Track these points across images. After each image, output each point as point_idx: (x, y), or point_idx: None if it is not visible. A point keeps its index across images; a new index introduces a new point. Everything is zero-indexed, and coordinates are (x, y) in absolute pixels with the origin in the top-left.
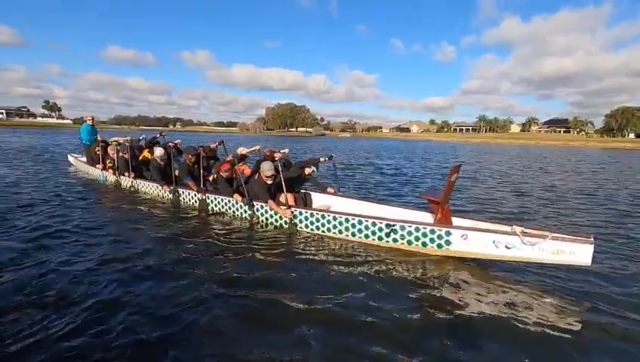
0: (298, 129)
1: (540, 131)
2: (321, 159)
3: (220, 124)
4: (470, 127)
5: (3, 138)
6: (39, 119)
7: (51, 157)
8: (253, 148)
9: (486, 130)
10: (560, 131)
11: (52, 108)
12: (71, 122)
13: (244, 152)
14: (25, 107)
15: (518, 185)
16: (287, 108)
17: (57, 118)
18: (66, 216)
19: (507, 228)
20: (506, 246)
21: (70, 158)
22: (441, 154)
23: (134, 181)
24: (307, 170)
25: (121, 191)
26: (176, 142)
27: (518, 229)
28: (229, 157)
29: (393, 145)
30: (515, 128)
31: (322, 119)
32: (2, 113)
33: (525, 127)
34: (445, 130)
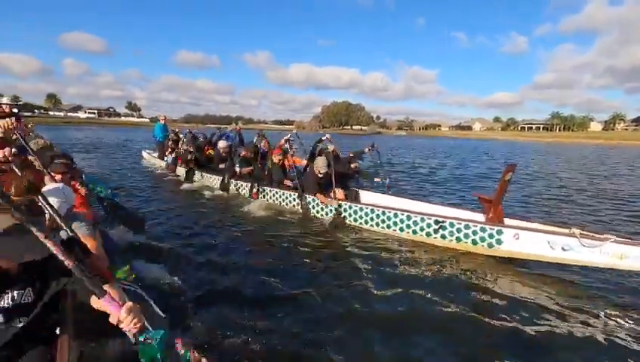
0: (353, 127)
1: (626, 130)
2: (365, 150)
3: (278, 122)
4: (541, 125)
5: (97, 134)
6: (123, 118)
7: (132, 152)
8: (287, 137)
9: (560, 128)
10: None
11: (133, 108)
12: (148, 120)
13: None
14: (112, 107)
15: (567, 188)
16: (342, 107)
17: (137, 117)
18: (146, 199)
19: (563, 230)
20: (563, 248)
21: (144, 153)
22: (498, 155)
23: (197, 172)
24: (353, 165)
25: (186, 180)
26: (238, 127)
27: (576, 231)
28: (281, 143)
29: (448, 145)
30: (596, 126)
31: (378, 117)
32: (95, 113)
33: (608, 125)
34: (511, 128)
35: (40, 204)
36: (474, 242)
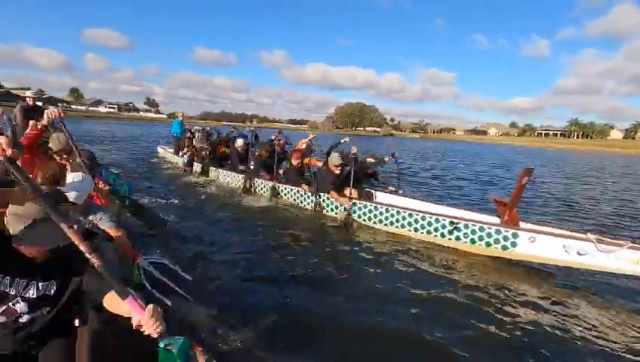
0: (366, 128)
1: None
2: (386, 158)
3: (293, 121)
4: (559, 132)
5: (116, 128)
6: (141, 113)
7: (147, 147)
8: (308, 138)
9: (578, 135)
10: None
11: (151, 104)
12: (165, 116)
13: (305, 142)
14: (131, 103)
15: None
16: (355, 108)
17: (155, 113)
18: (159, 194)
19: (580, 235)
20: (578, 253)
21: (159, 149)
22: (500, 159)
23: (213, 169)
24: (370, 171)
25: (203, 176)
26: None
27: (592, 236)
28: (301, 146)
29: (455, 149)
30: (616, 135)
31: (392, 119)
32: (114, 108)
33: (629, 133)
34: (528, 134)
35: (63, 193)
36: (488, 244)
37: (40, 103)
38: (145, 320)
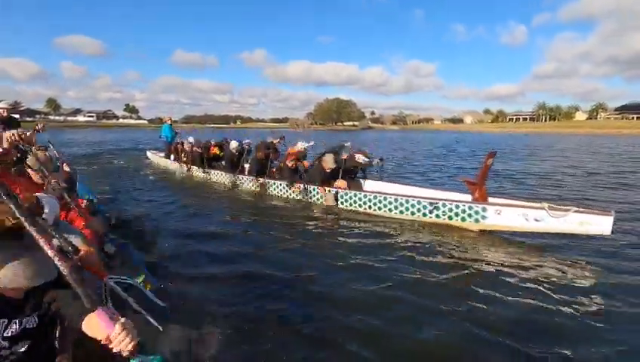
0: (344, 123)
1: (609, 118)
2: (374, 163)
3: (276, 120)
4: (528, 116)
5: (96, 136)
6: (121, 120)
7: (134, 153)
8: (307, 145)
9: (546, 118)
10: (633, 118)
11: (131, 110)
12: (146, 122)
13: (302, 148)
14: (110, 110)
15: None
16: (333, 104)
17: (136, 119)
18: (159, 195)
19: (536, 204)
20: (535, 219)
21: (149, 154)
22: (462, 145)
23: (205, 170)
24: (360, 159)
25: (195, 178)
26: (247, 141)
27: (545, 205)
28: (298, 149)
29: (420, 138)
30: (581, 116)
31: (373, 113)
32: (93, 116)
33: (592, 114)
34: (500, 120)
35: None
36: (463, 219)
37: (17, 116)
38: (115, 334)
